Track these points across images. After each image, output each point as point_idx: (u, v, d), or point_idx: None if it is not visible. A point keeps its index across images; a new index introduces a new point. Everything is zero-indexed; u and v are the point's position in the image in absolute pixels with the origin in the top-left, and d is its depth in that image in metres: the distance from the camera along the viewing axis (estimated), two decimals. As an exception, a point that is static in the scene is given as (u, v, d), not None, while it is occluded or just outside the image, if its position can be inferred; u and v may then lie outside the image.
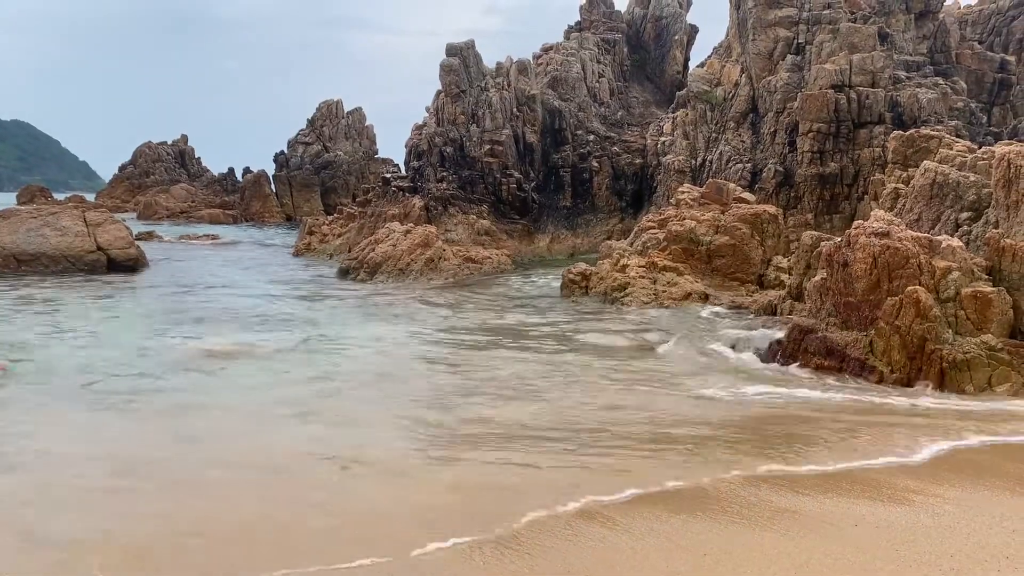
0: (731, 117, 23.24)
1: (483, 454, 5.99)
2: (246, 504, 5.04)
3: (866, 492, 5.22)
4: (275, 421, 6.87)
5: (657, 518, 4.77)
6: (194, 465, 5.78)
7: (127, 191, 61.28)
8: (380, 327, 11.29)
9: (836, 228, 17.54)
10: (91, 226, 19.85)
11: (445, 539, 4.47)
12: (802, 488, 5.25)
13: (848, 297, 8.04)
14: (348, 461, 5.81)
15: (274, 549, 4.41)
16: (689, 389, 7.62)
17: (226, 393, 7.79)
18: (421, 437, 6.41)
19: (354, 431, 6.66)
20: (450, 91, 26.15)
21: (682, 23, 32.02)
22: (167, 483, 5.42)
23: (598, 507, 4.91)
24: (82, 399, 7.45)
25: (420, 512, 4.84)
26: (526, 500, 4.99)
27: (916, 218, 9.92)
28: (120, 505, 5.04)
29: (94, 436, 6.49)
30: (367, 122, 57.96)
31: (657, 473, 5.52)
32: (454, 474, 5.57)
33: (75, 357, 9.15)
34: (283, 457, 5.92)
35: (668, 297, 13.09)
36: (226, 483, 5.46)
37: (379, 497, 5.15)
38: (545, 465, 5.70)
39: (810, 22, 22.12)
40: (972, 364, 7.50)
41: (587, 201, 26.45)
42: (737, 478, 5.42)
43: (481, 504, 4.99)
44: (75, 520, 4.82)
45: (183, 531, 4.65)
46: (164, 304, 13.22)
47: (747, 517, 4.80)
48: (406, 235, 19.60)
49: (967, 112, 20.97)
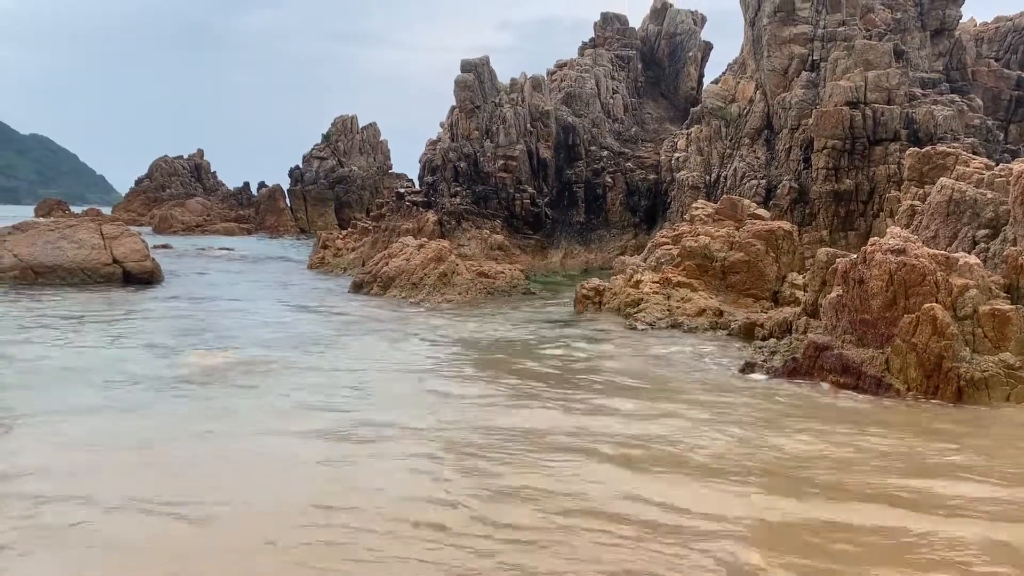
0: (746, 133, 23.22)
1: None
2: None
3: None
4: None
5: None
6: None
7: (143, 205, 61.78)
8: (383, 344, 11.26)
9: (851, 245, 17.46)
10: (107, 239, 20.00)
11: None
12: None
13: (864, 314, 7.98)
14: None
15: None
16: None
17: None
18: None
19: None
20: (464, 107, 26.27)
21: (696, 40, 32.08)
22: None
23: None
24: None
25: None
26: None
27: (933, 235, 9.85)
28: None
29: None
30: (381, 137, 58.31)
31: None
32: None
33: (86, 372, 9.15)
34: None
35: (682, 313, 13.04)
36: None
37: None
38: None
39: (825, 39, 22.11)
40: (990, 383, 7.42)
41: (600, 216, 26.45)
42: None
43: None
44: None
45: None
46: (178, 321, 13.23)
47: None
48: (419, 249, 19.63)
49: (983, 129, 20.87)
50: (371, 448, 6.35)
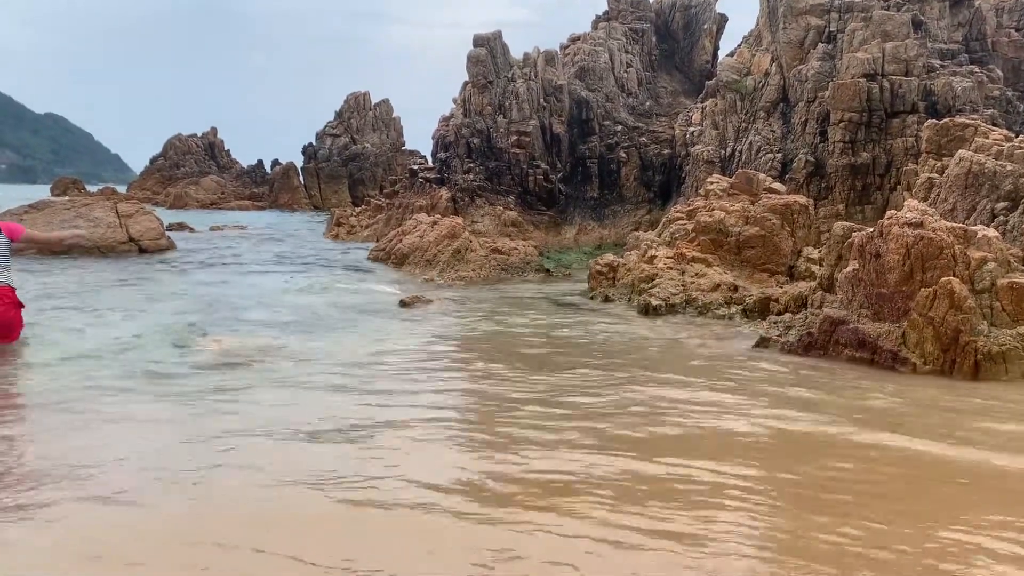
0: (761, 107, 23.00)
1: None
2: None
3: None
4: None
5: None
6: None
7: (158, 183, 62.13)
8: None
9: (868, 219, 17.31)
10: (123, 217, 20.13)
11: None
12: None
13: (880, 288, 7.92)
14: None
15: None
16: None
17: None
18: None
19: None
20: (477, 82, 26.14)
21: (711, 12, 31.72)
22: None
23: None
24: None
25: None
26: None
27: (951, 208, 9.76)
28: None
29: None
30: (394, 114, 58.27)
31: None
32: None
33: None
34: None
35: (696, 288, 12.99)
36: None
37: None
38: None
39: (842, 10, 21.81)
40: (1008, 356, 7.36)
41: (615, 192, 26.32)
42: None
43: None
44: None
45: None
46: (196, 300, 13.18)
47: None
48: (433, 226, 19.63)
49: (1003, 101, 20.58)
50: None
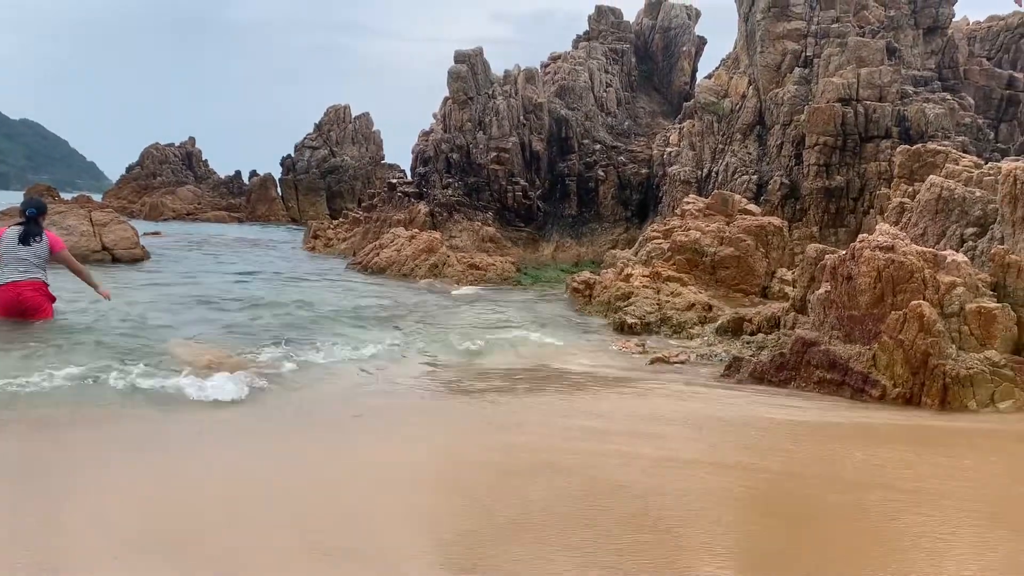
0: (738, 129, 23.26)
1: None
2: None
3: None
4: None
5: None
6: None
7: (134, 192, 61.56)
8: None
9: (841, 241, 17.53)
10: (97, 226, 19.94)
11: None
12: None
13: (852, 310, 8.03)
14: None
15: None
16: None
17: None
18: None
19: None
20: (457, 98, 26.24)
21: (690, 34, 32.11)
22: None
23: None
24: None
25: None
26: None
27: (921, 232, 9.91)
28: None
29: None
30: (374, 127, 58.24)
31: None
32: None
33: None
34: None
35: (671, 307, 13.08)
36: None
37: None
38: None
39: (818, 35, 22.15)
40: (975, 380, 7.47)
41: (592, 210, 26.47)
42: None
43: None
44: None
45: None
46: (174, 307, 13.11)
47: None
48: (411, 240, 19.65)
49: (974, 128, 20.96)
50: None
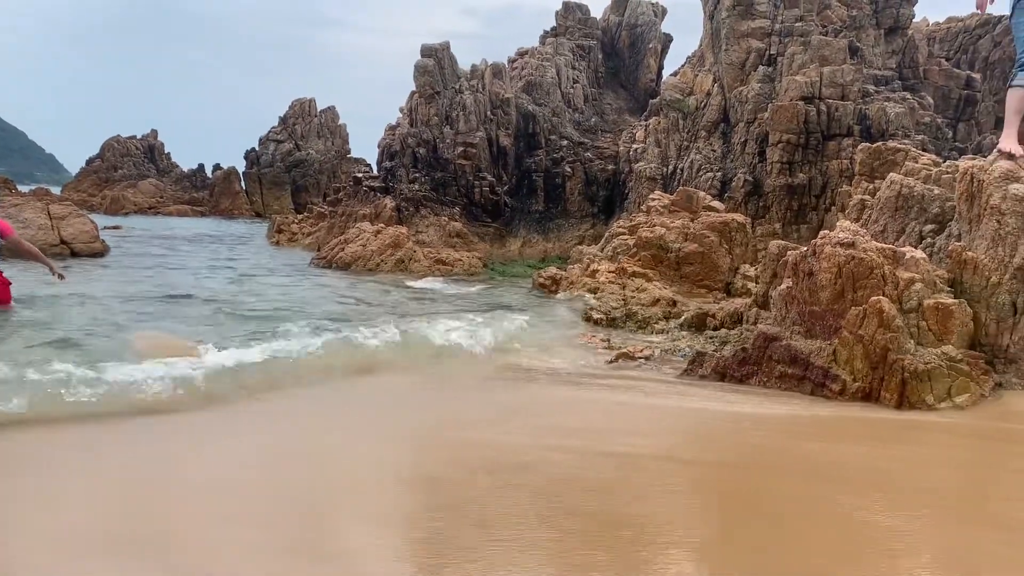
0: (703, 126, 23.43)
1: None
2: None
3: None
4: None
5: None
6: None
7: (94, 185, 60.45)
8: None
9: (803, 238, 17.74)
10: (55, 219, 19.55)
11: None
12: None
13: (813, 306, 8.11)
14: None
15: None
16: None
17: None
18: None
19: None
20: (424, 92, 26.11)
21: (656, 32, 32.24)
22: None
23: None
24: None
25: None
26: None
27: (882, 229, 10.04)
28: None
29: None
30: (340, 121, 57.75)
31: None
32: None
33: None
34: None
35: (636, 303, 13.14)
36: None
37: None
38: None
39: (782, 34, 22.37)
40: (933, 374, 7.58)
41: (559, 206, 26.50)
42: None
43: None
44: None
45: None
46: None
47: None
48: (376, 235, 19.53)
49: (933, 127, 21.32)
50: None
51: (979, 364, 7.57)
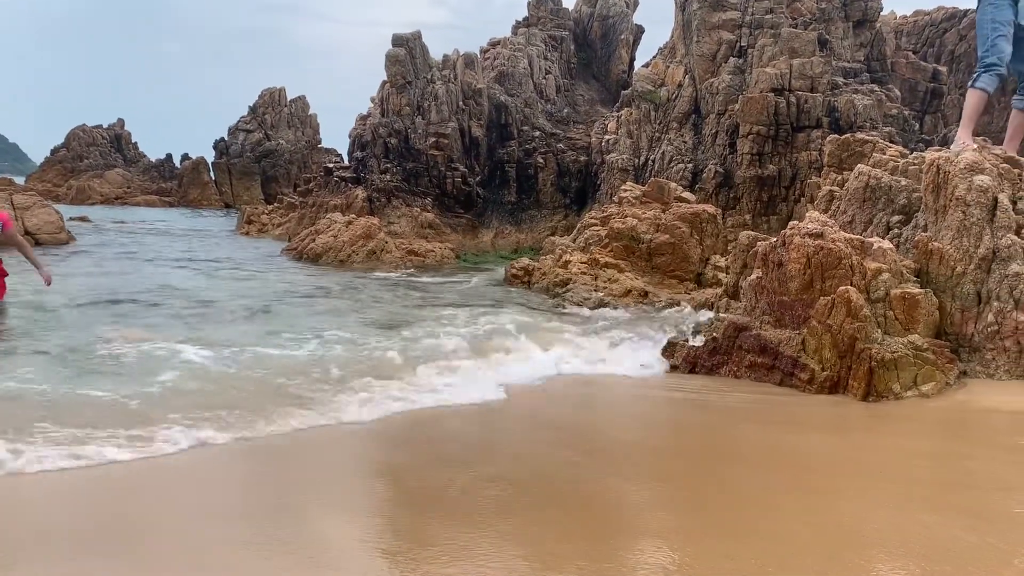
0: (674, 118, 23.51)
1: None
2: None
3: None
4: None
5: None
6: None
7: (59, 175, 59.40)
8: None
9: (773, 229, 17.89)
10: (19, 210, 19.22)
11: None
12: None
13: (782, 296, 8.18)
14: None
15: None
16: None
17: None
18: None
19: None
20: (395, 82, 25.94)
21: (628, 23, 32.30)
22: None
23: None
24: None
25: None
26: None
27: (850, 220, 10.14)
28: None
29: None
30: (310, 111, 57.22)
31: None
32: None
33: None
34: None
35: (608, 293, 13.19)
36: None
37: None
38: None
39: (752, 26, 22.49)
40: (899, 363, 7.67)
41: (532, 197, 26.50)
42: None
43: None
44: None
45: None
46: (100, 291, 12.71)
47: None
48: (348, 226, 19.41)
49: (900, 119, 21.57)
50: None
51: (944, 353, 7.68)
